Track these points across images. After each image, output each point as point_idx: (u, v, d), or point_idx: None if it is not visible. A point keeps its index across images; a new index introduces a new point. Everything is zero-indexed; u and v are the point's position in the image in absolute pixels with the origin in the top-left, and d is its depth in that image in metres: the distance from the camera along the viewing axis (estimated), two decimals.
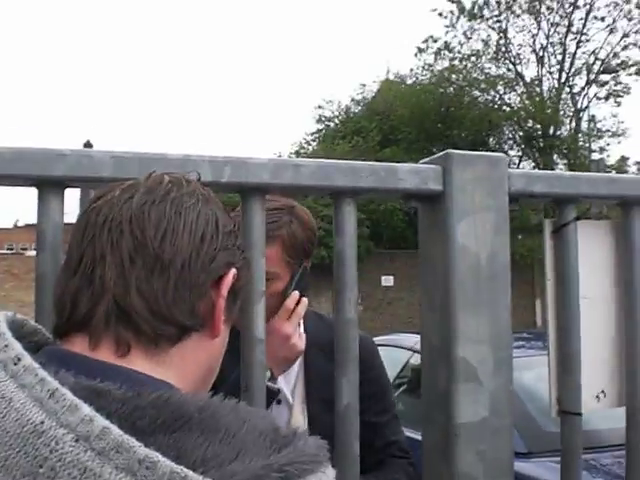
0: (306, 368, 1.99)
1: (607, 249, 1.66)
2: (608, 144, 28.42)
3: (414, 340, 5.69)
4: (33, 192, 1.28)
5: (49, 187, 1.27)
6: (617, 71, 27.55)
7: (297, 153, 27.95)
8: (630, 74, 27.55)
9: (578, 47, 28.63)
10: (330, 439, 1.80)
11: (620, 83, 27.84)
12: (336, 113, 31.54)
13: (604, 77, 27.80)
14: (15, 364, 0.80)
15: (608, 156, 28.94)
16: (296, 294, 1.90)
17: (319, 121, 31.46)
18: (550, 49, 29.55)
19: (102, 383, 0.81)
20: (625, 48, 27.63)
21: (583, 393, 1.57)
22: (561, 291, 1.58)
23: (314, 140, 29.91)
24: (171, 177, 1.01)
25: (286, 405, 1.97)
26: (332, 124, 31.11)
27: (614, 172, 26.85)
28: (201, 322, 0.94)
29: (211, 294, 0.95)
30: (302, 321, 1.96)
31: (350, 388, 1.38)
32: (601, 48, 28.88)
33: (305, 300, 1.91)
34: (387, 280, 25.68)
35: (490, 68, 30.21)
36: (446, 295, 1.43)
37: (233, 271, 0.98)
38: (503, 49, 30.53)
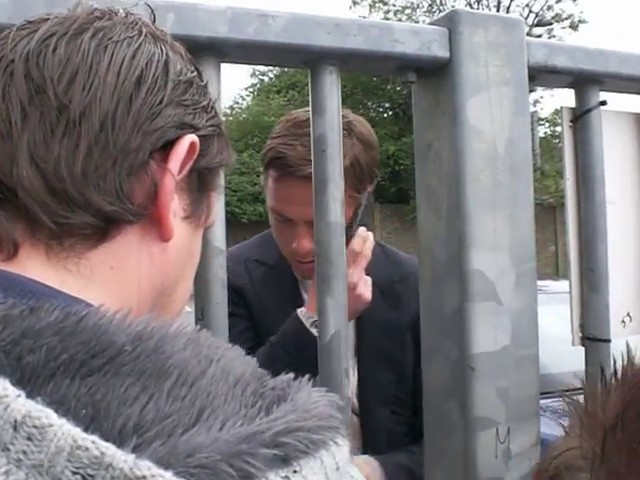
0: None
1: (636, 145, 1.37)
2: (542, 96, 28.46)
3: None
4: None
5: None
6: (551, 24, 27.54)
7: (231, 108, 27.27)
8: (564, 27, 27.55)
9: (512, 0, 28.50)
10: (387, 402, 1.43)
11: (554, 36, 27.82)
12: (270, 67, 30.85)
13: (538, 30, 27.77)
14: None
15: (542, 109, 29.09)
16: (363, 232, 1.52)
17: (253, 75, 30.70)
18: (484, 2, 29.37)
19: None
20: (559, 1, 27.60)
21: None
22: (584, 193, 1.28)
23: (248, 95, 29.27)
24: (105, 8, 0.68)
25: None
26: (266, 78, 30.44)
27: (547, 124, 26.99)
28: (136, 210, 0.61)
29: (152, 169, 0.62)
30: None
31: (337, 311, 1.06)
32: (535, 1, 28.88)
33: (371, 237, 1.53)
34: None
35: (425, 21, 29.92)
36: (455, 193, 1.11)
37: (191, 137, 0.64)
38: (438, 1, 30.29)
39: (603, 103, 1.29)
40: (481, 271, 1.10)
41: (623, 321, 1.35)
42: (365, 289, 1.52)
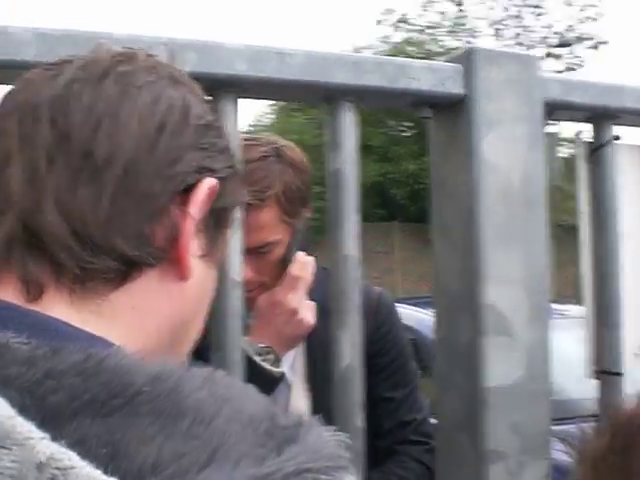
0: (308, 337, 1.55)
1: None
2: None
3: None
4: None
5: None
6: (573, 44, 27.52)
7: (254, 126, 27.45)
8: (587, 47, 27.54)
9: (535, 20, 28.52)
10: None
11: (577, 57, 27.84)
12: None
13: (560, 50, 27.76)
14: None
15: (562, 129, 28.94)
16: (301, 256, 1.50)
17: None
18: (507, 22, 29.41)
19: None
20: (581, 22, 27.59)
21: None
22: (598, 227, 1.29)
23: (270, 113, 29.45)
24: (126, 50, 0.69)
25: (284, 385, 1.53)
26: None
27: (568, 145, 26.84)
28: (157, 253, 0.63)
29: (173, 213, 0.63)
30: None
31: (351, 344, 1.08)
32: (558, 21, 28.84)
33: (311, 261, 1.51)
34: None
35: (447, 41, 29.98)
36: (469, 226, 1.13)
37: (210, 181, 0.65)
38: (460, 21, 30.36)
39: (617, 138, 1.30)
40: (495, 305, 1.11)
41: (636, 353, 1.36)
42: (307, 314, 1.49)
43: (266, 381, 1.43)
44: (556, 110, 1.22)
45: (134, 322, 0.63)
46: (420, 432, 1.62)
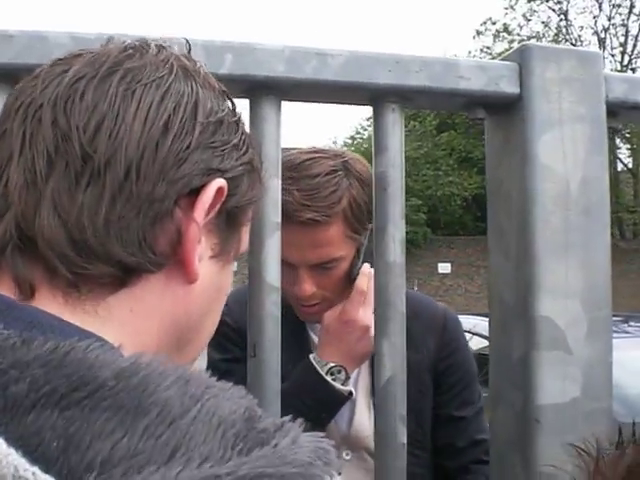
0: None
1: None
2: None
3: (472, 322, 5.33)
4: None
5: None
6: None
7: (352, 138, 27.53)
8: None
9: None
10: (407, 445, 1.40)
11: None
12: None
13: None
14: None
15: None
16: (367, 269, 1.44)
17: None
18: (612, 31, 28.64)
19: None
20: None
21: None
22: None
23: (370, 125, 29.44)
24: (137, 43, 0.67)
25: (349, 400, 1.49)
26: None
27: None
28: (158, 260, 0.61)
29: (177, 217, 0.61)
30: None
31: (394, 354, 1.03)
32: None
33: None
34: (444, 267, 24.93)
35: None
36: (524, 234, 1.06)
37: (218, 182, 0.63)
38: (564, 31, 29.74)
39: None
40: (550, 318, 1.04)
41: None
42: None
43: (336, 400, 1.40)
44: (622, 110, 1.14)
45: (132, 323, 0.61)
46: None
